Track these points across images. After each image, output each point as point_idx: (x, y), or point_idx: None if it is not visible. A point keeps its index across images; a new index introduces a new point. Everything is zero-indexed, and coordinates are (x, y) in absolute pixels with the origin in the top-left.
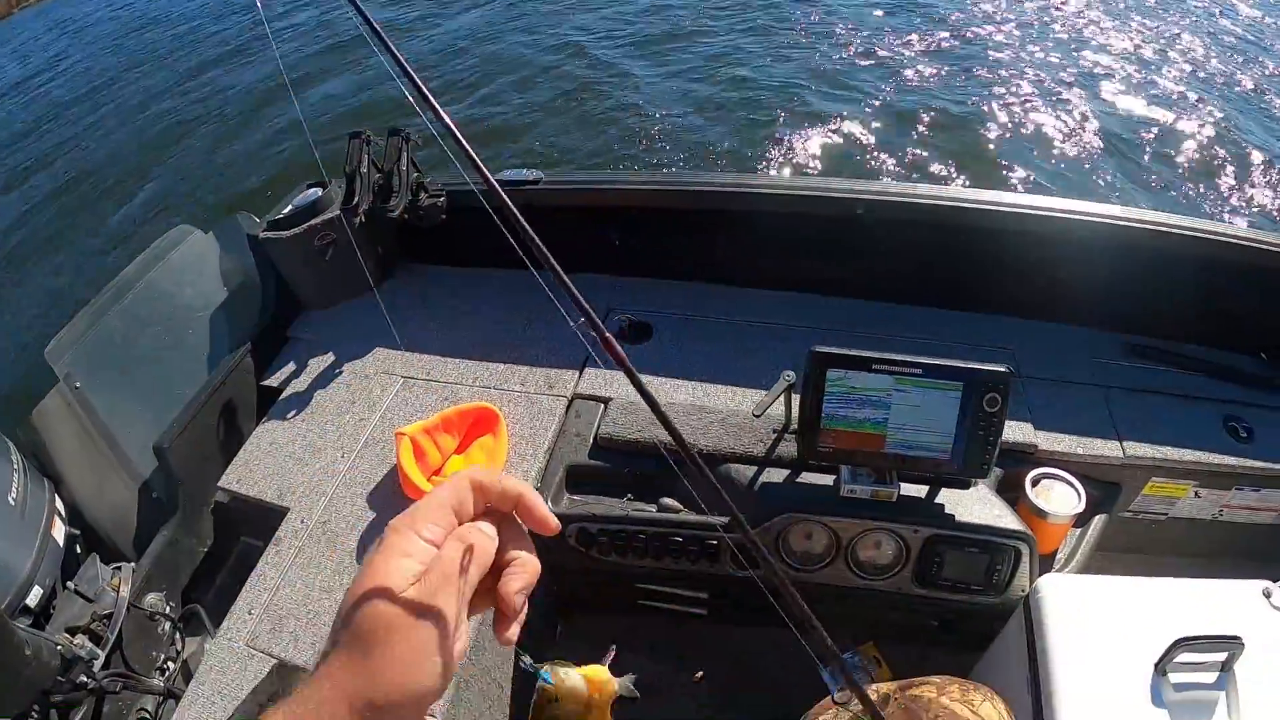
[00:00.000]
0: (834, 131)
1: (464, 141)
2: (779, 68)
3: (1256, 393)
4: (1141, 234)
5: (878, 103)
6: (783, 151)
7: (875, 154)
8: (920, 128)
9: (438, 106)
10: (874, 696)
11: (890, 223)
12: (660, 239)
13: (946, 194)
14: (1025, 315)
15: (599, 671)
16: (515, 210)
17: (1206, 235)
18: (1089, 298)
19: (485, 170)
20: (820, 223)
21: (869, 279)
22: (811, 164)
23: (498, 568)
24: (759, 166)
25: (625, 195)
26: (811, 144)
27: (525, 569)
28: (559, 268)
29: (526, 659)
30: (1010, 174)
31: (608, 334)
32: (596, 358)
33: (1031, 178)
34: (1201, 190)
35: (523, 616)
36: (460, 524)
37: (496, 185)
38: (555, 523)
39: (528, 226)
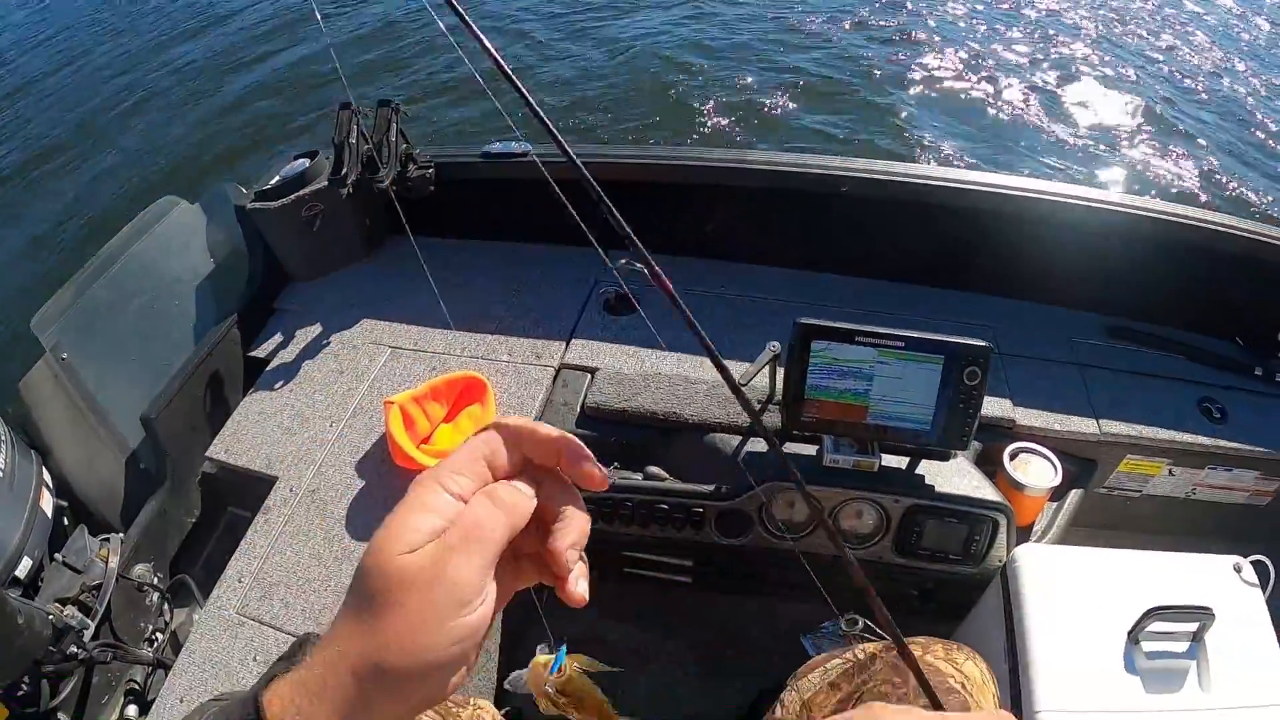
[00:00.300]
0: (799, 110)
1: (541, 113)
2: (737, 46)
3: (1231, 376)
4: (1123, 218)
5: (849, 81)
6: (745, 129)
7: (851, 135)
8: (894, 107)
9: (515, 79)
10: (860, 656)
11: (876, 200)
12: (649, 213)
13: (933, 174)
14: (1007, 294)
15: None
16: (595, 183)
17: (1186, 221)
18: (1069, 279)
19: (563, 141)
20: (807, 199)
21: (854, 255)
22: (749, 137)
23: (544, 527)
24: (726, 142)
25: (615, 169)
26: (773, 121)
27: (573, 523)
28: (641, 245)
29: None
30: (984, 154)
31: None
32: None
33: (1005, 159)
34: (1180, 177)
35: (585, 570)
36: (495, 479)
37: (575, 158)
38: (603, 475)
39: (605, 198)
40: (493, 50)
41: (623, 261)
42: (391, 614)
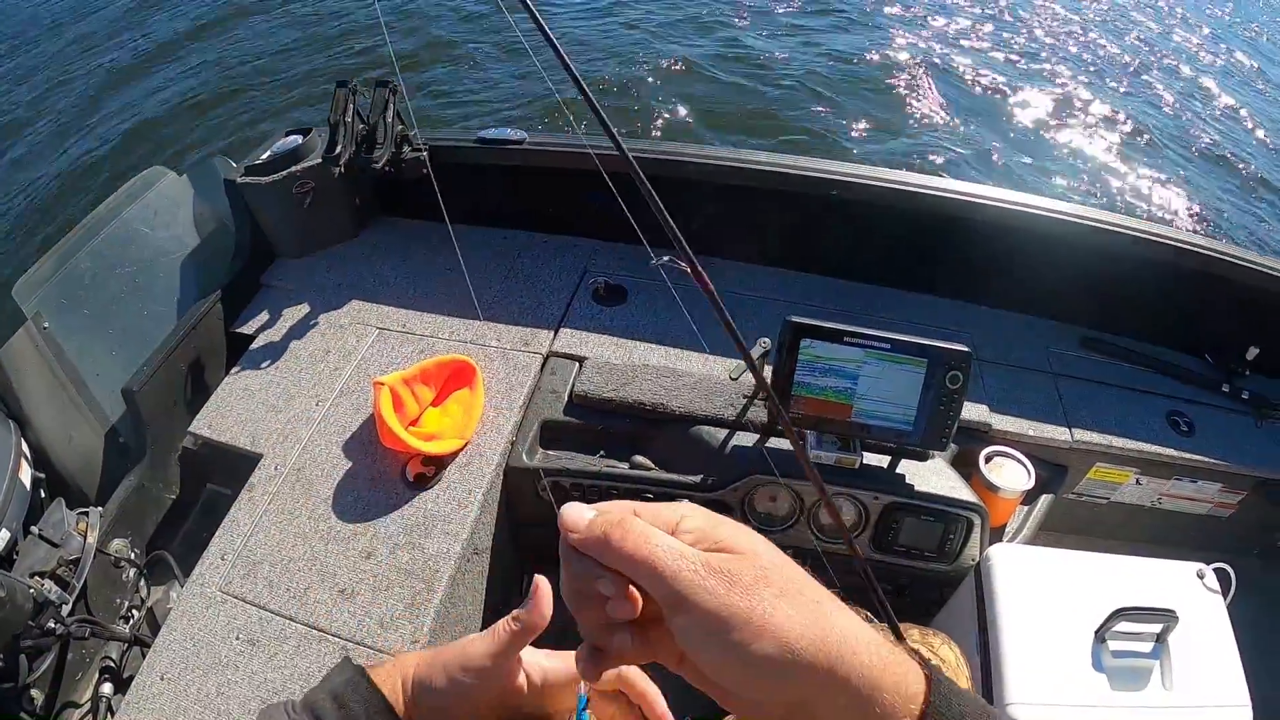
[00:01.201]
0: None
1: (598, 106)
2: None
3: (1199, 391)
4: (1102, 234)
5: (847, 82)
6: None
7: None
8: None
9: (575, 72)
10: None
11: (863, 205)
12: (640, 206)
13: (919, 182)
14: (986, 303)
15: None
16: (644, 177)
17: (1163, 240)
18: (1047, 290)
19: (616, 135)
20: (795, 200)
21: (839, 258)
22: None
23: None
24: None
25: (608, 161)
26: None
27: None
28: (685, 243)
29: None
30: (970, 164)
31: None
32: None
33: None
34: (1161, 199)
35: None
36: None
37: (628, 154)
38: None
39: (654, 193)
40: (560, 49)
41: (666, 259)
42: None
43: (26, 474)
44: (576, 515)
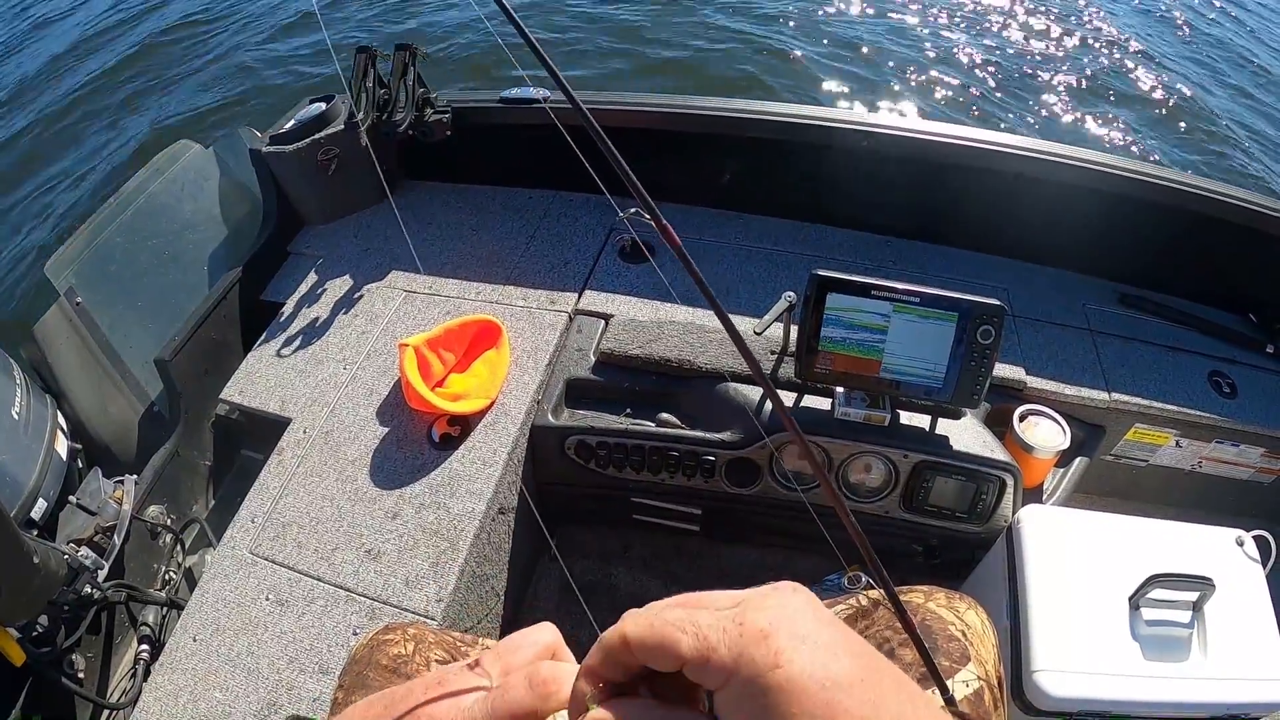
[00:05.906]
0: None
1: (546, 57)
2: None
3: (1243, 351)
4: (1141, 186)
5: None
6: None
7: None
8: (912, 65)
9: (520, 22)
10: (864, 602)
11: (893, 157)
12: (664, 162)
13: (952, 132)
14: (1021, 257)
15: None
16: (599, 129)
17: (1206, 194)
18: (1084, 244)
19: (567, 86)
20: (823, 153)
21: (868, 211)
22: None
23: None
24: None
25: (629, 117)
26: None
27: None
28: (645, 193)
29: None
30: (1004, 116)
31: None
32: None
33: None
34: (1202, 152)
35: None
36: None
37: (579, 104)
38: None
39: (610, 144)
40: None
41: (633, 211)
42: None
43: (63, 445)
44: None
